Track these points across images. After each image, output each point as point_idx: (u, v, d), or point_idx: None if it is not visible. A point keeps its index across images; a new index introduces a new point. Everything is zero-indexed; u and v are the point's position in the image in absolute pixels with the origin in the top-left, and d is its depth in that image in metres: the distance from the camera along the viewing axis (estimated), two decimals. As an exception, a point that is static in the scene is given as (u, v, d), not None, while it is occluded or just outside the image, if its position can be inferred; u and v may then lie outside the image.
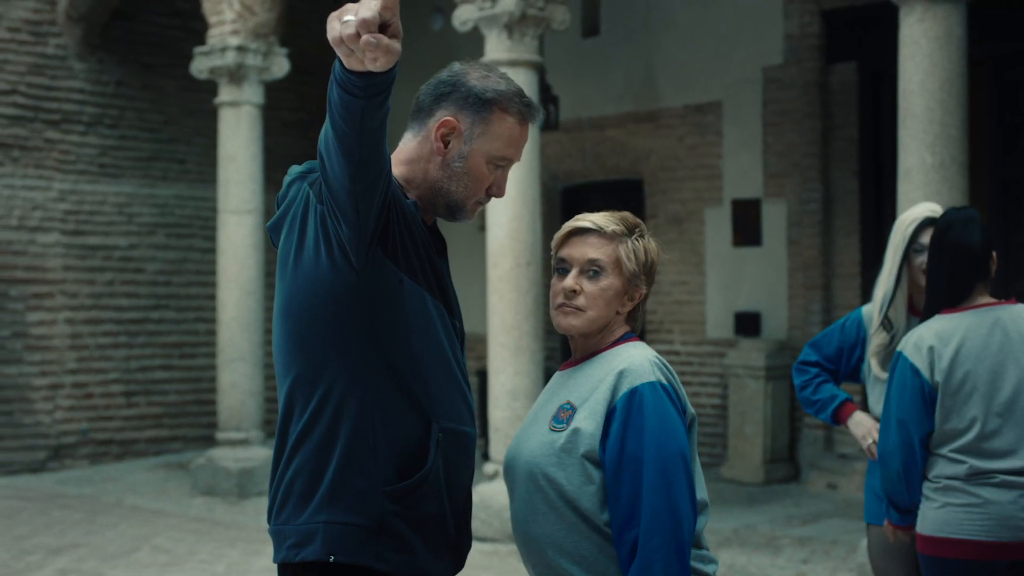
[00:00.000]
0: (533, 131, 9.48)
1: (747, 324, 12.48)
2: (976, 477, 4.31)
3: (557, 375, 3.21)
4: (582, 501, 2.97)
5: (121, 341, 14.14)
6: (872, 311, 5.01)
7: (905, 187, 7.80)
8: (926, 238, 4.80)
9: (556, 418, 3.04)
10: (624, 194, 13.81)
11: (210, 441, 13.88)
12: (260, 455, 12.05)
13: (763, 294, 12.46)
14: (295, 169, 3.21)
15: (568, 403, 3.04)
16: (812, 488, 11.45)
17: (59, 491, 12.39)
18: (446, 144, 3.10)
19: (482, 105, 3.10)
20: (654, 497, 2.89)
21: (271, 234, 3.18)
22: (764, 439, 11.84)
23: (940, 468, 4.38)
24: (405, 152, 3.17)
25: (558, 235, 3.15)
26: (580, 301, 3.07)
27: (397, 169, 3.13)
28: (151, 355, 14.37)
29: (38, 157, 13.49)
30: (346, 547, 2.97)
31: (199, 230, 14.65)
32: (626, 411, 2.95)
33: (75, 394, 13.79)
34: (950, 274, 4.47)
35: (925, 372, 4.35)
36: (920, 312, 4.80)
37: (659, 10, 13.25)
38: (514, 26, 9.66)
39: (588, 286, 3.07)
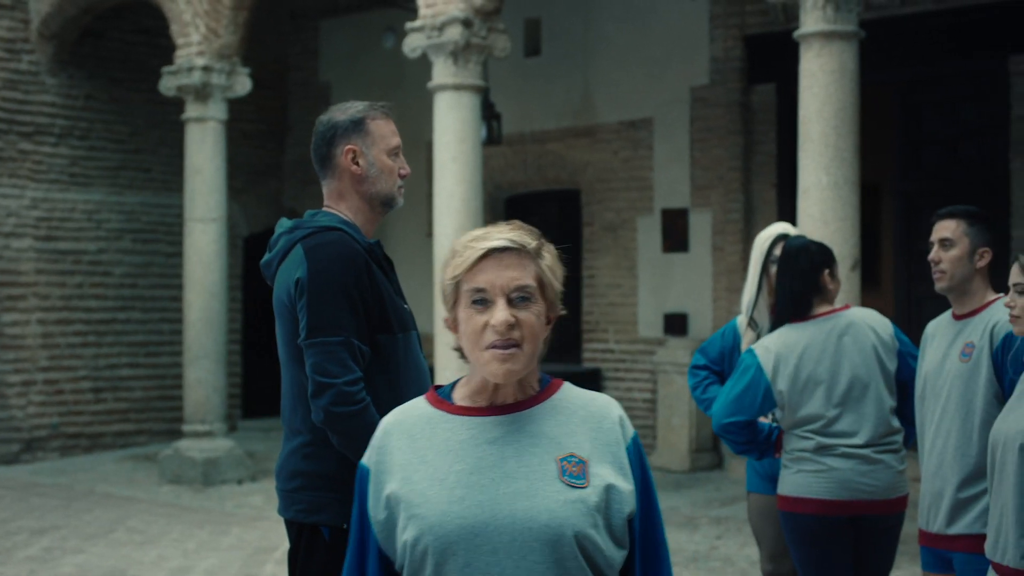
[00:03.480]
0: (477, 144, 10.51)
1: (675, 324, 13.48)
2: (822, 450, 5.28)
3: (484, 423, 2.63)
4: (614, 565, 2.60)
5: (90, 340, 14.96)
6: (743, 321, 6.01)
7: (804, 204, 8.79)
8: (779, 251, 5.81)
9: (568, 473, 2.57)
10: (563, 203, 14.81)
11: (174, 434, 14.74)
12: (223, 446, 12.96)
13: (690, 296, 13.46)
14: (285, 222, 4.19)
15: (572, 455, 2.58)
16: (733, 475, 12.42)
17: (34, 481, 13.22)
18: (358, 164, 4.13)
19: (359, 124, 4.13)
20: (665, 548, 2.74)
21: (263, 270, 4.19)
22: (690, 430, 12.85)
23: (794, 443, 5.34)
24: (333, 195, 4.20)
25: (465, 259, 2.60)
26: (517, 335, 2.56)
27: (337, 209, 4.17)
28: (118, 353, 15.20)
29: (12, 167, 14.28)
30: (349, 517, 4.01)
31: (164, 236, 15.47)
32: (638, 461, 2.67)
33: (46, 390, 14.60)
34: (792, 293, 5.44)
35: (768, 373, 5.28)
36: None
37: (596, 33, 14.21)
38: (459, 53, 10.58)
39: (521, 316, 2.56)
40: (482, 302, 2.57)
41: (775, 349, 5.32)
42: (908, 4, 11.95)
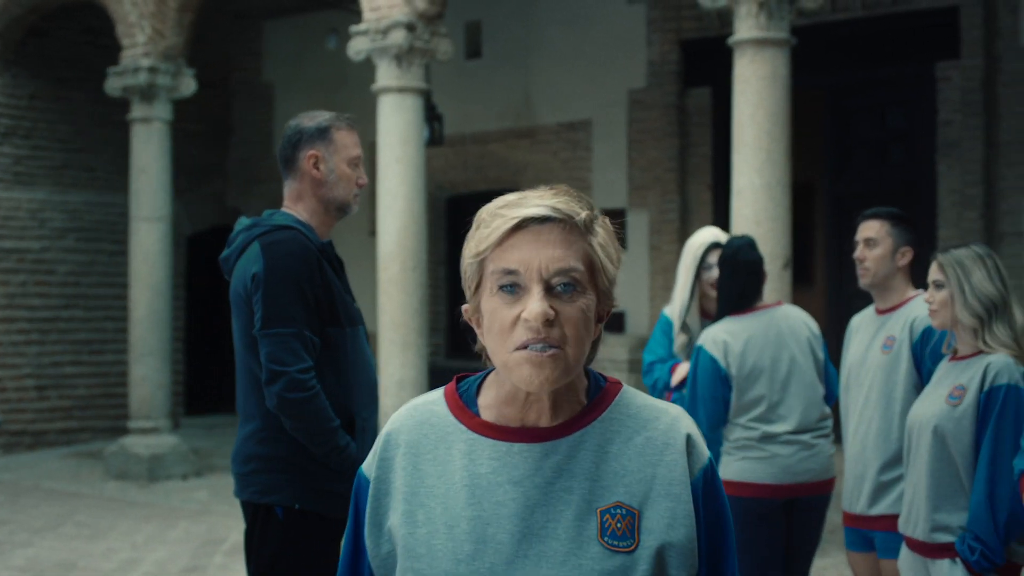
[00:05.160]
0: (420, 146, 10.70)
1: (613, 322, 13.77)
2: (767, 439, 5.60)
3: (511, 452, 2.06)
4: None
5: (34, 338, 15.04)
6: (672, 312, 6.30)
7: (737, 204, 9.09)
8: (712, 258, 6.12)
9: (610, 531, 2.01)
10: (503, 203, 15.05)
11: (117, 431, 14.85)
12: (168, 442, 13.12)
13: (627, 295, 13.76)
14: (244, 220, 4.44)
15: (619, 506, 2.02)
16: (669, 469, 12.70)
17: (-22, 477, 13.35)
18: (319, 169, 4.39)
19: (324, 132, 4.41)
20: None
21: (222, 264, 4.44)
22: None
23: (739, 433, 5.66)
24: (292, 196, 4.47)
25: (493, 231, 2.02)
26: (556, 334, 1.98)
27: (294, 210, 4.41)
28: (62, 351, 15.28)
29: (-44, 166, 14.37)
30: (305, 498, 4.25)
31: (107, 234, 15.56)
32: (709, 498, 2.10)
33: (-10, 388, 14.69)
34: (742, 286, 5.75)
35: (721, 361, 5.62)
36: (709, 315, 6.13)
37: (536, 36, 14.48)
38: (403, 57, 10.82)
39: (565, 310, 1.99)
40: (512, 288, 1.99)
41: (722, 338, 5.65)
42: (839, 11, 12.31)
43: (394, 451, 2.13)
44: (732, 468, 5.67)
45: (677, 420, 2.10)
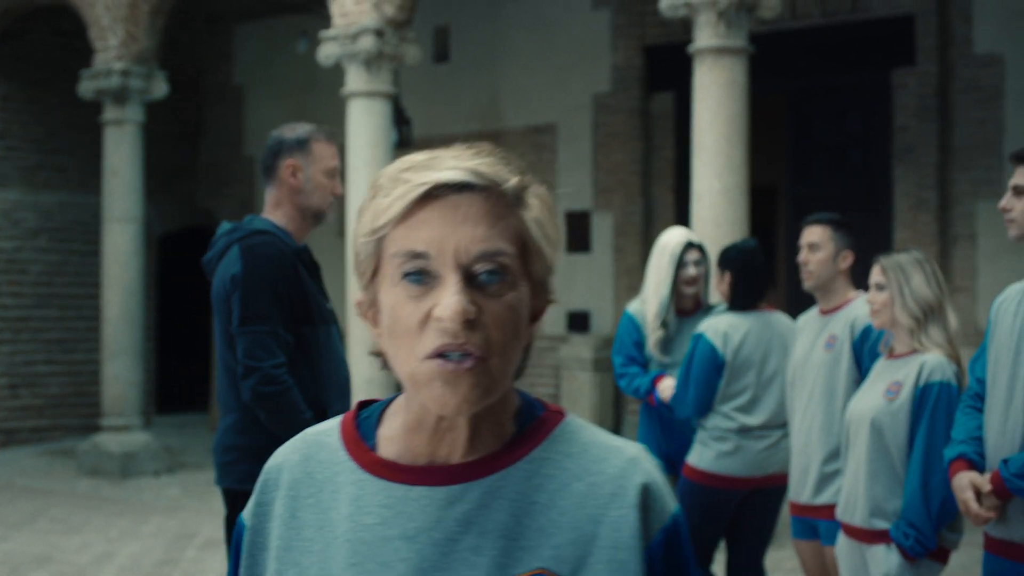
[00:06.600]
0: (389, 149, 10.93)
1: (578, 322, 14.06)
2: (743, 431, 5.90)
3: (407, 497, 1.59)
4: None
5: (6, 337, 15.20)
6: (639, 309, 6.51)
7: (697, 207, 9.37)
8: (688, 257, 6.37)
9: None
10: (471, 205, 15.32)
11: (89, 430, 15.01)
12: (141, 440, 13.33)
13: (592, 295, 14.03)
14: (225, 225, 4.72)
15: (542, 573, 1.53)
16: (632, 465, 12.96)
17: (-48, 474, 13.51)
18: (296, 178, 4.66)
19: (303, 144, 4.69)
20: None
21: (204, 266, 4.69)
22: (592, 424, 13.37)
23: (717, 421, 5.96)
24: (271, 203, 4.74)
25: (395, 200, 1.55)
26: (478, 340, 1.51)
27: (272, 216, 4.65)
28: (34, 350, 15.46)
29: (-71, 166, 14.52)
30: None
31: (80, 235, 15.72)
32: (670, 566, 1.60)
33: (-37, 386, 14.84)
34: (758, 287, 6.03)
35: (720, 349, 5.92)
36: (684, 312, 6.39)
37: (503, 40, 14.73)
38: (372, 62, 11.07)
39: (489, 306, 1.53)
40: (420, 277, 1.53)
41: (723, 328, 5.96)
42: (800, 18, 12.60)
43: (272, 494, 1.70)
44: (708, 459, 5.96)
45: (633, 463, 1.59)
